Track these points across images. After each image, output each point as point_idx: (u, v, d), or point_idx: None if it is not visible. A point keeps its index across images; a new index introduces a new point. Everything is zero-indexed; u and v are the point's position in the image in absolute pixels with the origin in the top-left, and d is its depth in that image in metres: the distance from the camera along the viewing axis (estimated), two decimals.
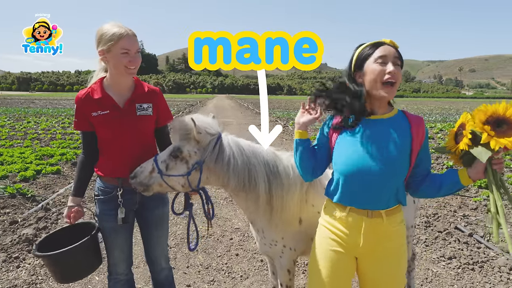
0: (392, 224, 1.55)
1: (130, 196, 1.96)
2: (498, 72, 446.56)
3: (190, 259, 3.55)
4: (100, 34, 1.79)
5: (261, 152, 1.93)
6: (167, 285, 2.21)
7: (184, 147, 1.81)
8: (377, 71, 1.46)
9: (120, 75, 1.86)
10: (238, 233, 4.20)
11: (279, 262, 2.09)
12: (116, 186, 1.93)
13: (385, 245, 1.56)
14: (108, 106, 1.87)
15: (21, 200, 5.00)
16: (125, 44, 1.77)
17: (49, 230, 4.14)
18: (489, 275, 3.28)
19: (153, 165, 1.82)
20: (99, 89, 1.89)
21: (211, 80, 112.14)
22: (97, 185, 2.01)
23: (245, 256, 3.66)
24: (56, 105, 30.62)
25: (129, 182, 1.88)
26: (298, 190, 1.93)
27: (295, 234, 2.02)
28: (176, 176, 1.82)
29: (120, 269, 2.07)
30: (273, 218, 1.96)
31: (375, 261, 1.58)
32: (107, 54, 1.80)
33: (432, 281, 3.22)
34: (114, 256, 2.04)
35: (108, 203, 1.94)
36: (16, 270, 3.25)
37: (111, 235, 1.99)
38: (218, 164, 1.82)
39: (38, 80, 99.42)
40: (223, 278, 3.23)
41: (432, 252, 3.77)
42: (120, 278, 2.09)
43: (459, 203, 5.26)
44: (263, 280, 3.20)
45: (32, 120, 16.50)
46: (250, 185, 1.86)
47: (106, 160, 1.95)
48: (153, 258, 2.14)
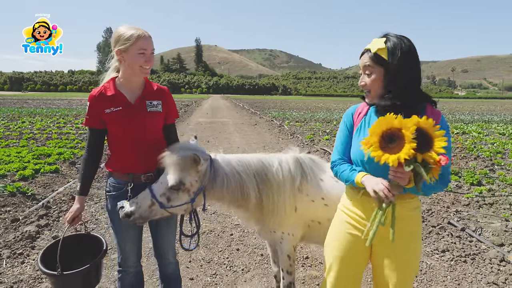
0: (405, 208, 1.62)
1: (140, 191, 2.03)
2: (490, 73, 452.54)
3: (192, 254, 3.63)
4: (118, 35, 1.89)
5: (250, 164, 2.05)
6: (174, 278, 2.29)
7: (185, 179, 1.89)
8: (359, 82, 1.72)
9: (135, 74, 1.95)
10: (238, 229, 4.29)
11: (279, 248, 2.21)
12: (127, 181, 2.01)
13: (398, 230, 1.58)
14: (121, 103, 1.96)
15: (21, 198, 5.03)
16: (142, 45, 1.86)
17: (51, 228, 4.19)
18: (481, 267, 3.42)
19: (151, 200, 1.86)
20: (112, 87, 1.98)
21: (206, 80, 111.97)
22: (109, 181, 2.08)
23: (246, 250, 3.75)
24: (50, 105, 30.35)
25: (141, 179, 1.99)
26: (288, 187, 2.08)
27: (292, 221, 2.15)
28: (181, 205, 1.92)
29: (130, 262, 2.15)
30: (264, 218, 2.11)
31: (388, 245, 1.62)
32: (124, 53, 1.88)
33: (427, 272, 3.34)
34: (125, 250, 2.11)
35: (119, 198, 2.01)
36: (21, 266, 3.30)
37: (123, 229, 2.06)
38: (215, 185, 1.95)
39: (31, 80, 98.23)
40: (225, 272, 3.32)
41: (427, 245, 3.89)
42: (130, 271, 2.17)
43: (452, 199, 5.41)
44: (264, 273, 3.29)
45: (27, 120, 16.38)
46: (243, 198, 1.99)
47: (117, 156, 2.03)
48: (161, 252, 2.21)
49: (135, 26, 1.92)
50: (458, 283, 3.16)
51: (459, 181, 6.43)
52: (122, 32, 1.88)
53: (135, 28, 1.89)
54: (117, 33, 1.90)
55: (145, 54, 1.88)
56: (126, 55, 1.88)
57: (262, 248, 3.79)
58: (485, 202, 5.30)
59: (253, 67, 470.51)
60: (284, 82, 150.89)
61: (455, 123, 18.90)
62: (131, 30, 1.87)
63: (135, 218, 1.86)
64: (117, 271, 2.21)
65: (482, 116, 25.20)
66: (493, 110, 37.20)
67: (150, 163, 2.02)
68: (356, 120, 1.77)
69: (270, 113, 23.53)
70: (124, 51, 1.87)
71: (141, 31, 1.88)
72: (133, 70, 1.92)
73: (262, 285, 3.09)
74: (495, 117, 24.91)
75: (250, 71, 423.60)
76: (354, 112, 1.80)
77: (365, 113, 1.75)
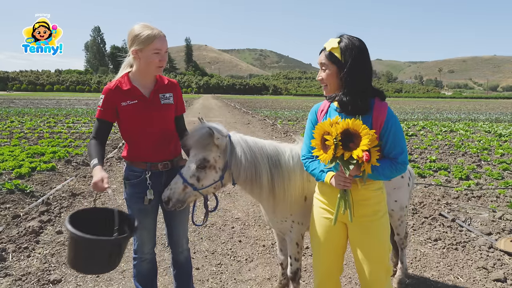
0: (368, 189, 1.83)
1: (157, 178, 2.14)
2: (475, 73, 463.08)
3: (196, 246, 3.73)
4: (134, 35, 1.97)
5: (265, 147, 2.16)
6: (186, 264, 2.40)
7: (209, 156, 1.99)
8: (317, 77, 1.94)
9: (149, 72, 2.05)
10: (239, 222, 4.40)
11: (289, 236, 2.32)
12: (144, 170, 2.10)
13: (365, 210, 1.83)
14: (137, 97, 2.06)
15: (20, 195, 5.03)
16: (157, 45, 1.96)
17: (54, 223, 4.22)
18: (471, 253, 3.62)
19: (183, 184, 1.96)
20: (127, 81, 2.07)
21: (197, 80, 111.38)
22: (126, 170, 2.16)
23: (248, 242, 3.87)
24: (38, 104, 29.82)
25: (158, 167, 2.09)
26: (298, 175, 2.19)
27: (302, 211, 2.26)
28: (211, 184, 2.01)
29: (146, 249, 2.24)
30: (276, 205, 2.20)
31: (359, 225, 1.85)
32: (139, 53, 1.97)
33: (421, 259, 3.52)
34: (142, 237, 2.20)
35: (137, 186, 2.11)
36: (27, 259, 3.34)
37: (140, 216, 2.13)
38: (234, 160, 2.04)
39: (16, 79, 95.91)
40: (229, 262, 3.43)
41: (420, 235, 4.08)
42: (145, 258, 2.26)
43: (443, 193, 5.63)
44: (267, 262, 3.42)
45: (16, 119, 16.12)
46: (256, 178, 2.08)
47: (134, 147, 2.12)
48: (175, 239, 2.30)
49: (148, 24, 2.00)
50: (450, 269, 3.34)
51: (449, 176, 6.68)
52: (138, 32, 1.96)
53: (150, 28, 1.97)
54: (133, 33, 1.98)
55: (160, 53, 1.98)
56: (142, 54, 1.97)
57: (264, 240, 3.91)
58: (473, 195, 5.54)
59: (244, 67, 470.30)
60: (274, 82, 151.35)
61: (443, 121, 19.40)
62: (147, 30, 1.95)
63: (173, 203, 1.96)
64: (132, 258, 2.29)
65: (469, 115, 25.90)
66: (479, 109, 38.22)
67: (166, 152, 2.14)
68: (319, 117, 1.95)
69: (262, 112, 23.67)
70: (140, 50, 1.96)
71: (156, 31, 1.97)
72: (148, 68, 2.02)
73: (266, 273, 3.21)
74: (480, 115, 25.63)
75: (241, 71, 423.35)
76: (317, 110, 1.98)
77: (326, 111, 1.93)
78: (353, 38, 1.78)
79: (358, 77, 1.75)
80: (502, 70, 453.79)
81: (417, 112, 28.70)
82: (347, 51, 1.74)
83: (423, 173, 6.79)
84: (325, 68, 1.81)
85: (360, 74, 1.75)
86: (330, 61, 1.78)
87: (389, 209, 2.56)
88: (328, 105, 1.93)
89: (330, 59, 1.78)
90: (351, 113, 1.75)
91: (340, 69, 1.76)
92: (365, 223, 1.85)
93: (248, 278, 3.14)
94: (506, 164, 7.57)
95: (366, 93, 1.77)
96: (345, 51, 1.74)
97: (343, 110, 1.79)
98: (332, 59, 1.77)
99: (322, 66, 1.83)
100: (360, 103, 1.74)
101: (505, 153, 9.14)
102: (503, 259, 3.46)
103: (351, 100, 1.75)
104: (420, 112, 29.68)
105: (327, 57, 1.79)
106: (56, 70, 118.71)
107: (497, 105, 51.61)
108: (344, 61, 1.74)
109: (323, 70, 1.83)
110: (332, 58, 1.77)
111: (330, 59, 1.78)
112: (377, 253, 1.87)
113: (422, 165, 7.51)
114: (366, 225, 1.85)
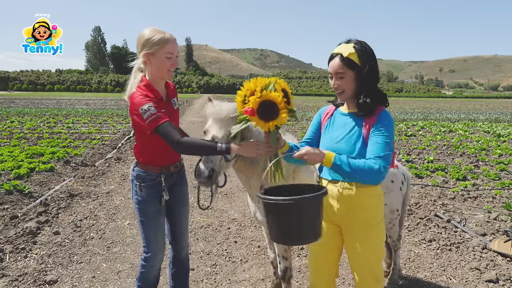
0: (365, 195, 1.83)
1: (169, 179, 2.19)
2: (476, 73, 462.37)
3: (191, 247, 3.76)
4: (145, 38, 1.95)
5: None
6: (186, 261, 2.45)
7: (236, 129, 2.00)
8: (332, 84, 1.87)
9: (161, 76, 2.05)
10: (235, 223, 4.43)
11: None
12: (159, 173, 2.13)
13: (360, 215, 1.85)
14: (159, 101, 2.04)
15: (18, 196, 5.07)
16: (170, 49, 1.96)
17: (51, 224, 4.26)
18: (464, 254, 3.64)
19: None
20: (152, 86, 2.03)
21: (197, 79, 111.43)
22: (140, 173, 2.14)
23: (243, 243, 3.90)
24: (39, 104, 29.86)
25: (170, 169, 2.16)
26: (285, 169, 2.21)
27: None
28: (234, 157, 2.04)
29: (160, 255, 2.21)
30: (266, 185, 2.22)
31: (353, 229, 1.88)
32: (151, 57, 1.96)
33: (414, 260, 3.55)
34: (157, 241, 2.18)
35: (153, 188, 2.13)
36: (24, 260, 3.38)
37: (156, 218, 2.16)
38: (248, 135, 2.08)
39: (17, 79, 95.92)
40: (224, 262, 3.46)
41: (414, 236, 4.11)
42: (157, 266, 2.23)
43: (439, 194, 5.65)
44: (262, 263, 3.44)
45: (16, 119, 16.16)
46: (254, 160, 2.12)
47: (148, 149, 2.10)
48: (177, 236, 2.33)
49: (158, 28, 1.99)
50: (443, 270, 3.36)
51: (446, 177, 6.70)
52: (149, 36, 1.95)
53: (161, 32, 1.97)
54: (144, 37, 1.96)
55: (172, 57, 1.98)
56: (153, 59, 1.96)
57: (259, 241, 3.94)
58: (469, 195, 5.56)
59: (244, 66, 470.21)
60: None
61: (442, 122, 19.40)
62: (159, 34, 1.94)
63: (215, 175, 1.93)
64: (140, 265, 2.25)
65: (468, 115, 25.88)
66: (479, 109, 38.18)
67: (177, 155, 2.21)
68: (323, 120, 2.02)
69: None
70: (151, 54, 1.95)
71: (168, 34, 1.97)
72: (161, 72, 2.01)
73: (260, 274, 3.24)
74: (480, 115, 25.61)
75: (241, 70, 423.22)
76: (323, 112, 2.06)
77: (331, 114, 1.99)
78: (362, 42, 1.83)
79: (375, 78, 1.82)
80: (503, 70, 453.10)
81: (417, 112, 28.69)
82: (364, 54, 1.78)
83: (420, 173, 6.81)
84: (342, 75, 1.80)
85: (376, 76, 1.83)
86: (348, 67, 1.78)
87: None
88: (334, 109, 2.00)
89: (347, 65, 1.78)
90: (368, 114, 1.81)
91: (358, 73, 1.78)
92: (361, 228, 1.86)
93: (243, 279, 3.16)
94: (504, 165, 7.58)
95: (377, 94, 1.84)
96: (362, 55, 1.78)
97: (363, 112, 1.82)
98: (350, 64, 1.78)
99: (337, 75, 1.81)
100: (376, 103, 1.82)
101: (503, 153, 9.15)
102: (496, 260, 3.48)
103: (372, 101, 1.80)
104: (420, 112, 29.67)
105: (344, 64, 1.78)
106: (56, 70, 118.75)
107: (498, 105, 51.53)
108: (362, 65, 1.77)
109: (339, 78, 1.81)
110: (350, 64, 1.77)
111: (348, 65, 1.78)
112: (368, 259, 1.88)
113: (420, 166, 7.53)
114: (361, 231, 1.86)
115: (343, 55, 1.78)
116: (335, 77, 1.82)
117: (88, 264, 3.37)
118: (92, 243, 3.80)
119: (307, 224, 1.61)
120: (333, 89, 1.87)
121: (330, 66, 1.83)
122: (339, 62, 1.79)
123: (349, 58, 1.77)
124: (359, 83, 1.80)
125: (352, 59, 1.77)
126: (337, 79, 1.82)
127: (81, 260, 3.44)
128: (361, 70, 1.78)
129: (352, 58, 1.77)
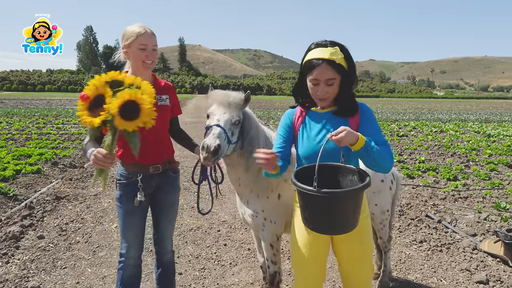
0: None
1: (148, 181, 2.13)
2: (466, 74, 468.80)
3: (180, 250, 3.68)
4: (124, 32, 2.08)
5: (263, 129, 2.23)
6: (170, 266, 2.41)
7: (240, 116, 2.02)
8: (311, 90, 1.74)
9: (139, 69, 2.08)
10: (225, 225, 4.37)
11: (262, 236, 2.31)
12: (137, 171, 2.10)
13: None
14: None
15: (2, 199, 4.92)
16: (143, 40, 2.02)
17: (36, 228, 4.14)
18: (455, 255, 3.63)
19: (225, 134, 1.90)
20: None
21: (190, 79, 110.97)
22: (119, 171, 2.16)
23: (233, 245, 3.84)
24: (28, 105, 29.39)
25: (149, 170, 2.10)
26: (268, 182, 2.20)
27: (274, 208, 2.25)
28: (237, 142, 2.01)
29: (131, 253, 2.19)
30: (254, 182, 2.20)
31: None
32: (128, 49, 2.05)
33: (405, 262, 3.53)
34: (128, 238, 2.17)
35: (128, 186, 2.11)
36: (6, 266, 3.26)
37: (128, 217, 2.13)
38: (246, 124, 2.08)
39: (6, 79, 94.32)
40: (213, 266, 3.39)
41: (405, 237, 4.09)
42: (130, 263, 2.21)
43: (430, 194, 5.66)
44: (251, 266, 3.39)
45: (4, 120, 15.86)
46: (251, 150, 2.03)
47: (127, 147, 2.04)
48: (161, 240, 2.30)
49: (142, 24, 2.08)
50: (434, 271, 3.35)
51: (437, 177, 6.73)
52: (128, 29, 2.06)
53: (140, 26, 2.06)
54: (124, 31, 2.08)
55: (146, 49, 2.03)
56: (129, 50, 2.05)
57: (249, 243, 3.88)
58: (460, 196, 5.58)
59: (238, 67, 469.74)
60: (268, 82, 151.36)
61: (434, 122, 19.58)
62: (135, 28, 2.04)
63: (221, 153, 1.86)
64: (118, 261, 2.24)
65: (459, 115, 26.19)
66: (469, 109, 38.70)
67: (158, 155, 2.14)
68: (296, 124, 1.88)
69: (256, 113, 23.53)
70: (128, 46, 2.04)
71: (143, 28, 2.05)
72: (137, 65, 2.07)
73: (249, 277, 3.18)
74: (471, 116, 25.94)
75: (235, 71, 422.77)
76: (293, 117, 1.90)
77: (304, 116, 1.87)
78: (341, 44, 1.73)
79: (355, 79, 1.77)
80: (493, 71, 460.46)
81: (409, 113, 28.94)
82: (350, 58, 1.72)
83: (412, 174, 6.83)
84: (332, 82, 1.68)
85: (356, 76, 1.78)
86: (338, 73, 1.67)
87: (370, 213, 2.55)
88: (305, 113, 1.87)
89: (337, 70, 1.67)
90: (353, 114, 1.76)
91: (344, 77, 1.70)
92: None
93: (231, 283, 3.10)
94: (494, 165, 7.65)
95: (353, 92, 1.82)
96: (348, 59, 1.71)
97: (343, 114, 1.76)
98: (339, 69, 1.67)
99: (328, 82, 1.67)
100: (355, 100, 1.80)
101: (493, 153, 9.24)
102: (486, 261, 3.48)
103: (353, 101, 1.77)
104: (411, 112, 29.93)
105: (335, 70, 1.66)
106: (47, 69, 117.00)
107: (487, 105, 52.31)
108: (349, 69, 1.71)
109: (329, 85, 1.68)
110: (339, 69, 1.67)
111: (338, 70, 1.67)
112: (360, 252, 1.84)
113: (411, 166, 7.56)
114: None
115: (336, 61, 1.65)
116: (324, 84, 1.68)
117: (73, 269, 3.27)
118: (77, 248, 3.70)
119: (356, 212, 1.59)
120: (316, 97, 1.74)
121: (318, 73, 1.65)
122: (331, 68, 1.65)
123: (340, 64, 1.68)
124: (342, 87, 1.73)
125: (342, 64, 1.68)
126: (326, 86, 1.68)
127: (65, 265, 3.34)
128: (348, 75, 1.71)
129: (342, 64, 1.68)
